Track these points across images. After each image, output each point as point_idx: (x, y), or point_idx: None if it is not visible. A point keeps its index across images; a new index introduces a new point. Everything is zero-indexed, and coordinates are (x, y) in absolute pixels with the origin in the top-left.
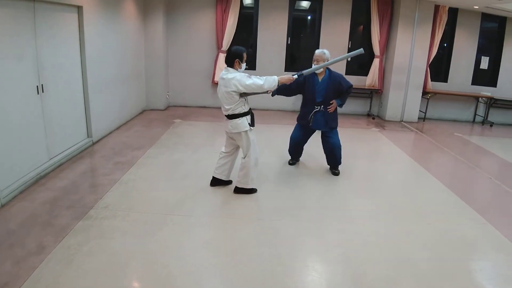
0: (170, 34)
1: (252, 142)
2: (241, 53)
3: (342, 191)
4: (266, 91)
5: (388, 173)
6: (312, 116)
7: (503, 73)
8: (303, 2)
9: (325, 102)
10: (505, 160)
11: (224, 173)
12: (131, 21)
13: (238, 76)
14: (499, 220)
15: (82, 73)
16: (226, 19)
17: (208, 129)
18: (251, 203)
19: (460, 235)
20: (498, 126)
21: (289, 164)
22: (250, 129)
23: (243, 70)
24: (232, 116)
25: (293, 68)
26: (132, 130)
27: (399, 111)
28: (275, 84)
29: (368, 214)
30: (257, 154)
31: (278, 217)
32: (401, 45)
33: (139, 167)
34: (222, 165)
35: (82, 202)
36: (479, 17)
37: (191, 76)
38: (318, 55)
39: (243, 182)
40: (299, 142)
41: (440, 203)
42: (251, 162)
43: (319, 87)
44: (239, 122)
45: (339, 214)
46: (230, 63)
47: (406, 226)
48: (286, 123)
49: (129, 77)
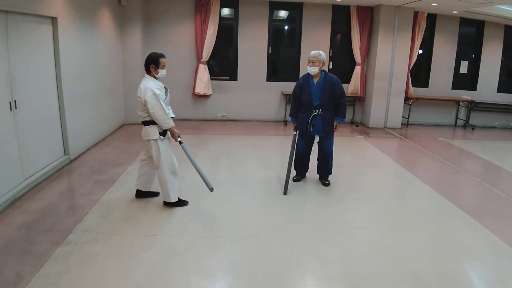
0: (148, 45)
1: (164, 151)
2: (156, 58)
3: (335, 203)
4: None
5: (379, 181)
6: (311, 121)
7: (482, 76)
8: (283, 11)
9: (323, 106)
10: (491, 163)
11: (143, 183)
12: (108, 33)
13: (151, 98)
14: (494, 224)
15: (58, 87)
16: (205, 30)
17: (189, 143)
18: (240, 221)
19: (458, 242)
20: (479, 129)
21: (294, 180)
22: (160, 138)
23: (160, 76)
24: (144, 122)
25: (274, 78)
26: (111, 145)
27: (382, 117)
28: (165, 126)
29: (363, 226)
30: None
31: (270, 234)
32: (382, 52)
33: (120, 185)
34: (141, 175)
35: (61, 226)
36: (458, 22)
37: (171, 88)
38: (313, 56)
39: (164, 196)
40: (304, 152)
41: (434, 209)
42: (164, 173)
43: (314, 90)
44: (149, 130)
45: (334, 227)
46: (146, 69)
47: (403, 237)
48: (271, 134)
49: (106, 91)
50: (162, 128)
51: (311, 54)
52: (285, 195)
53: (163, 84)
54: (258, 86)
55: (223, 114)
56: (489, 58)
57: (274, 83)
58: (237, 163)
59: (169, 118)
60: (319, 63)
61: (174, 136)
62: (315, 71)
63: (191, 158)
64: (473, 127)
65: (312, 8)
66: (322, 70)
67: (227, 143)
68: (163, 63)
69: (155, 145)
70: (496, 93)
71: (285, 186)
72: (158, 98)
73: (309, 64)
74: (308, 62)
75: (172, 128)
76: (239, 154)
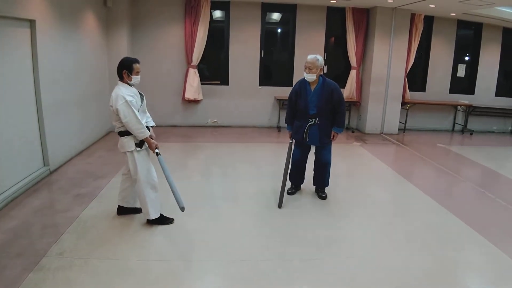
0: (135, 49)
1: (141, 164)
2: (130, 63)
3: (333, 219)
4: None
5: (379, 194)
6: (307, 130)
7: (480, 80)
8: (276, 13)
9: (320, 115)
10: (493, 171)
11: (126, 199)
12: (93, 36)
13: (122, 106)
14: (503, 240)
15: (36, 94)
16: (195, 33)
17: (179, 152)
18: (231, 241)
19: (466, 262)
20: (477, 133)
21: (288, 193)
22: (136, 149)
23: (134, 82)
24: (119, 133)
25: (267, 83)
26: (95, 155)
27: (378, 123)
28: (141, 136)
29: (366, 245)
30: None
31: (264, 256)
32: (378, 55)
33: (101, 200)
34: (124, 189)
35: (34, 248)
36: (455, 25)
37: (159, 94)
38: (310, 62)
39: (144, 212)
40: (300, 162)
41: (438, 225)
42: (142, 187)
43: (311, 98)
44: (125, 141)
45: (333, 248)
46: (118, 75)
47: (409, 257)
48: (264, 141)
49: (90, 97)
50: (137, 138)
51: (307, 59)
52: (279, 209)
53: (138, 91)
54: (251, 91)
55: (214, 120)
56: (487, 61)
57: (267, 88)
58: (229, 173)
59: (144, 127)
60: (316, 70)
61: (151, 147)
62: (312, 78)
63: (166, 172)
64: (471, 132)
65: (306, 10)
66: (320, 75)
67: (218, 152)
68: (137, 69)
69: (131, 157)
70: (494, 97)
71: (280, 200)
72: (131, 106)
73: (306, 71)
74: (304, 68)
75: (149, 138)
76: (231, 164)
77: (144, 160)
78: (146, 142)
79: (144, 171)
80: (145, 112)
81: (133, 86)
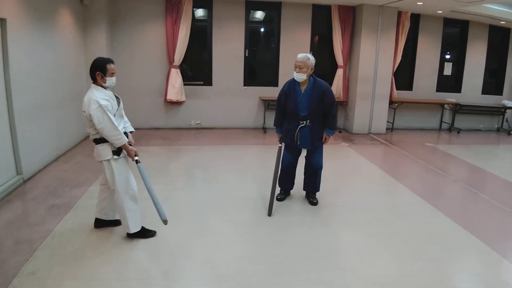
0: (115, 49)
1: (119, 173)
2: (103, 64)
3: (326, 226)
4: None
5: (371, 197)
6: (298, 133)
7: (466, 78)
8: (260, 11)
9: (311, 117)
10: (484, 170)
11: (105, 211)
12: (69, 35)
13: (96, 111)
14: (505, 246)
15: (7, 97)
16: (177, 31)
17: (161, 156)
18: (217, 255)
19: (471, 272)
20: (464, 132)
21: (278, 199)
22: (113, 157)
23: (109, 85)
24: (95, 140)
25: (252, 83)
26: (72, 161)
27: (366, 123)
28: (118, 143)
29: (361, 255)
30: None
31: (254, 272)
32: (365, 53)
33: (77, 212)
34: (102, 200)
35: (4, 268)
36: (441, 23)
37: (140, 95)
38: (301, 61)
39: (123, 226)
40: (290, 166)
41: (436, 230)
42: (121, 199)
43: (301, 99)
44: (101, 149)
45: (327, 259)
46: (92, 77)
47: (407, 267)
48: (250, 143)
49: (67, 99)
50: (114, 146)
51: (298, 58)
52: (269, 217)
53: (114, 94)
54: (235, 91)
55: (198, 122)
56: (473, 59)
57: (252, 88)
58: (214, 178)
59: (121, 133)
60: (307, 69)
61: (130, 155)
62: (302, 78)
63: (147, 183)
64: (458, 130)
65: (291, 8)
66: (310, 75)
67: (202, 155)
68: (111, 70)
69: (108, 166)
70: (481, 95)
71: (269, 207)
72: (106, 111)
73: (296, 70)
74: (294, 68)
75: (127, 145)
76: (216, 168)
77: (123, 169)
78: (124, 149)
79: (122, 181)
80: (122, 116)
81: (108, 88)
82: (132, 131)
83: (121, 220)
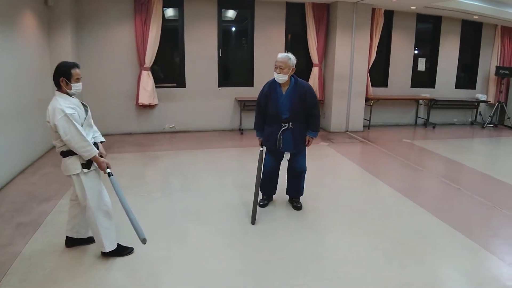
0: (82, 51)
1: (90, 188)
2: (67, 69)
3: (313, 233)
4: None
5: (355, 198)
6: (280, 136)
7: (440, 73)
8: (232, 10)
9: (293, 119)
10: (464, 165)
11: (76, 228)
12: (32, 38)
13: (61, 121)
14: (491, 242)
15: None
16: (147, 32)
17: (135, 163)
18: (200, 270)
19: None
20: (439, 126)
21: (260, 206)
22: (83, 171)
23: (75, 91)
24: (62, 153)
25: (227, 83)
26: (39, 173)
27: (343, 121)
28: (87, 155)
29: (353, 261)
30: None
31: (241, 284)
32: (340, 51)
33: (47, 229)
34: (73, 217)
35: None
36: (415, 19)
37: (110, 99)
38: (281, 61)
39: (97, 244)
40: (273, 171)
41: (423, 229)
42: (93, 216)
43: (283, 101)
44: (68, 163)
45: (318, 267)
46: (56, 84)
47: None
48: (227, 146)
49: (33, 106)
50: (83, 158)
51: (278, 58)
52: (253, 225)
53: (80, 101)
54: (209, 93)
55: (172, 125)
56: (446, 54)
57: (227, 89)
58: (192, 185)
59: (90, 144)
60: (288, 70)
61: (101, 167)
62: (283, 79)
63: (121, 197)
64: (434, 125)
65: (265, 6)
66: (291, 76)
67: (178, 161)
68: (76, 75)
69: (78, 181)
70: (454, 89)
71: (252, 215)
72: (72, 120)
73: (276, 71)
74: (275, 68)
75: (97, 157)
76: (193, 174)
77: (94, 183)
78: (94, 161)
79: (94, 196)
80: (91, 126)
81: (74, 96)
82: (103, 141)
83: (95, 238)
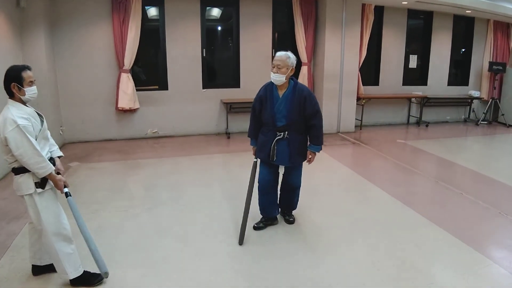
0: (57, 54)
1: (45, 209)
2: (17, 73)
3: (309, 252)
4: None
5: (353, 208)
6: (274, 146)
7: (432, 70)
8: (216, 8)
9: (289, 127)
10: (460, 165)
11: (38, 255)
12: (4, 41)
13: (13, 133)
14: (501, 255)
15: None
16: (126, 32)
17: (114, 173)
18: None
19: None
20: (432, 124)
21: (255, 228)
22: (36, 191)
23: (29, 97)
24: (13, 170)
25: (212, 85)
26: (10, 187)
27: (334, 121)
28: (42, 172)
29: (352, 282)
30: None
31: None
32: (330, 49)
33: (14, 253)
34: (32, 244)
35: None
36: (406, 14)
37: (88, 104)
38: (279, 59)
39: (59, 272)
40: (270, 184)
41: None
42: (50, 241)
43: (279, 106)
44: (20, 181)
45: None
46: (7, 92)
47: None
48: (213, 151)
49: None
50: (38, 176)
51: (276, 57)
52: (240, 246)
53: (35, 111)
54: (194, 95)
55: (154, 130)
56: (438, 51)
57: (212, 91)
58: (176, 198)
59: (46, 160)
60: (286, 69)
61: (57, 186)
62: (281, 80)
63: (80, 222)
64: (427, 124)
65: (250, 3)
66: (290, 77)
67: (161, 170)
68: (29, 78)
69: (31, 202)
70: (447, 86)
71: (240, 234)
72: (25, 133)
73: (273, 70)
74: (272, 67)
75: (53, 174)
76: (178, 185)
77: (50, 204)
78: (50, 179)
79: (50, 219)
80: (48, 139)
81: (29, 103)
82: (61, 155)
83: (55, 265)
